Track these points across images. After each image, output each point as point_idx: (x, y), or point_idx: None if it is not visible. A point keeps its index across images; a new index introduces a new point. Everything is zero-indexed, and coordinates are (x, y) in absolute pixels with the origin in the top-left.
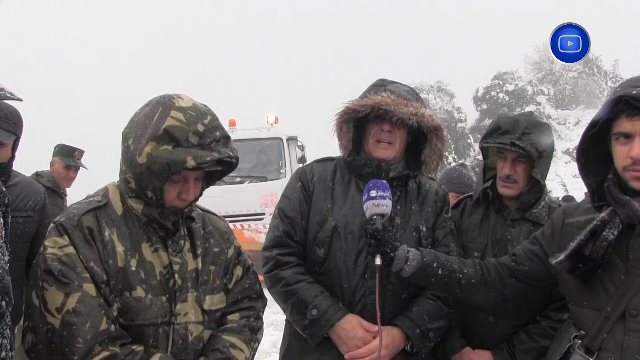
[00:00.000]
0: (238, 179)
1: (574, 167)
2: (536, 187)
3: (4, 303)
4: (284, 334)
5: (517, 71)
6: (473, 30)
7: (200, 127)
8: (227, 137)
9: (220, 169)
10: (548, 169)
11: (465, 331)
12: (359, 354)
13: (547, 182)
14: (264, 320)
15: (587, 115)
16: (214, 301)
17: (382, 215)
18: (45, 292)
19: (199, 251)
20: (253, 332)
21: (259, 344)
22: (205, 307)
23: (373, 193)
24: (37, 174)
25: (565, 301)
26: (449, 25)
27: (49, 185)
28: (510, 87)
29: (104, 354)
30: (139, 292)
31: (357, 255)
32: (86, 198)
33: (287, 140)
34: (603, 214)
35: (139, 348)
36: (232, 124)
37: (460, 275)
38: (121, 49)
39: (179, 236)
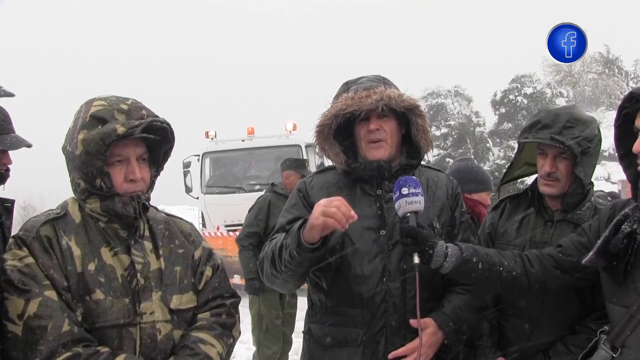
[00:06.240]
0: (257, 187)
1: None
2: (580, 186)
3: None
4: (302, 347)
5: (535, 74)
6: (490, 33)
7: (124, 106)
8: (155, 116)
9: (156, 138)
10: (594, 168)
11: (499, 338)
12: (401, 352)
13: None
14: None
15: (608, 116)
16: (183, 301)
17: (416, 213)
18: (6, 302)
19: (161, 252)
20: (225, 328)
21: (234, 340)
22: (173, 306)
23: (405, 190)
24: (272, 184)
25: (605, 310)
26: (466, 28)
27: (283, 193)
28: (529, 90)
29: (67, 354)
30: (98, 294)
31: (373, 258)
32: (46, 211)
33: (306, 147)
34: (627, 209)
35: (104, 349)
36: (250, 132)
37: (501, 268)
38: (140, 54)
39: (141, 236)
